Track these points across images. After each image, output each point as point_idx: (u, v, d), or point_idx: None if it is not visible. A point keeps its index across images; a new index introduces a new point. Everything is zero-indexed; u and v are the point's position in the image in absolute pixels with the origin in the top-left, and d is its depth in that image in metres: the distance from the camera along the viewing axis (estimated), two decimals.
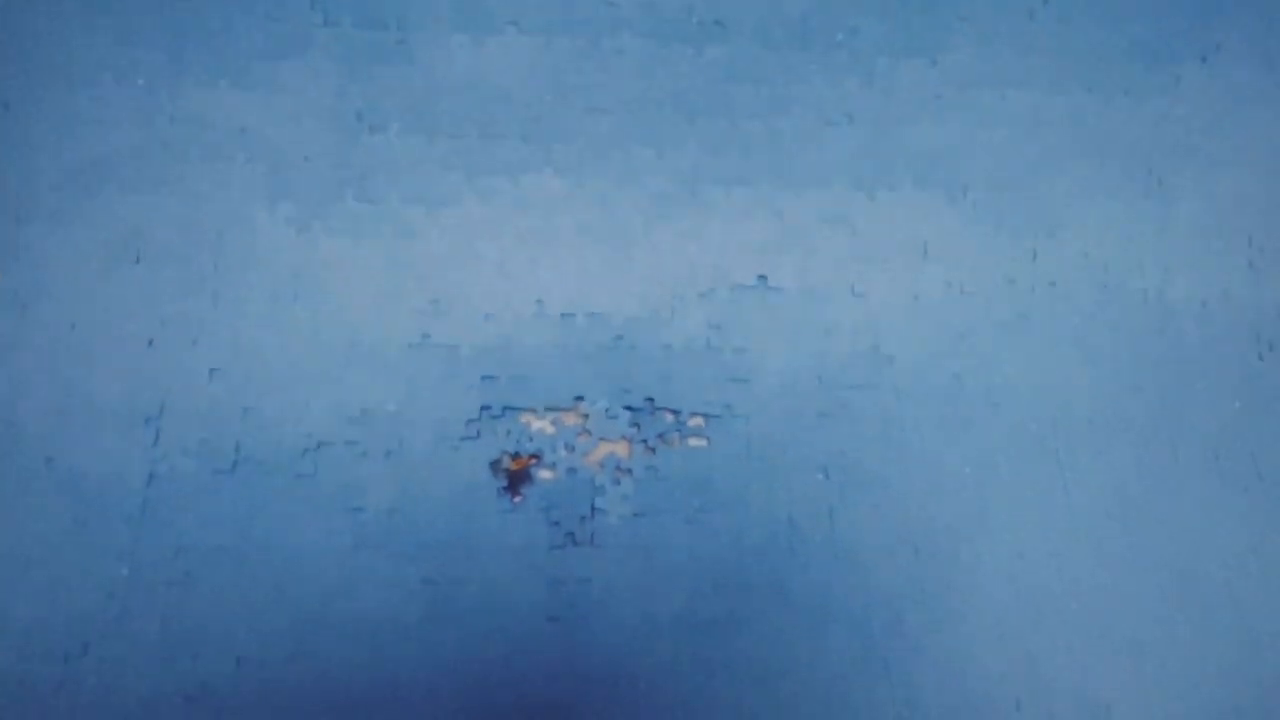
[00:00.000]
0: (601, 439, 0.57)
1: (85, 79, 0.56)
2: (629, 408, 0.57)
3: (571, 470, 0.56)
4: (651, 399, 0.57)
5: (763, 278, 0.60)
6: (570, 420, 0.57)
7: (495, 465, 0.56)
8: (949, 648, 0.51)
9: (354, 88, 0.60)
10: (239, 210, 0.58)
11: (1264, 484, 0.55)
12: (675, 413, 0.57)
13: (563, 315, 0.59)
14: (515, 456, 0.56)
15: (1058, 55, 0.62)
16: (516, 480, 0.55)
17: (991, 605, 0.52)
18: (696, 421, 0.57)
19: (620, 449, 0.57)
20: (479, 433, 0.56)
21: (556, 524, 0.54)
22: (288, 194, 0.59)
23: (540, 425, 0.57)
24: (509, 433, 0.57)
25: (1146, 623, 0.51)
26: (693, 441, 0.57)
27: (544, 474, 0.56)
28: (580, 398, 0.57)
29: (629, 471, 0.56)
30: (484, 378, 0.58)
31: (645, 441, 0.57)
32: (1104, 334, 0.59)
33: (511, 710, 0.49)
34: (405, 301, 0.58)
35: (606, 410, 0.57)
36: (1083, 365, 0.59)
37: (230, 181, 0.57)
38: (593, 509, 0.55)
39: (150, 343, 0.56)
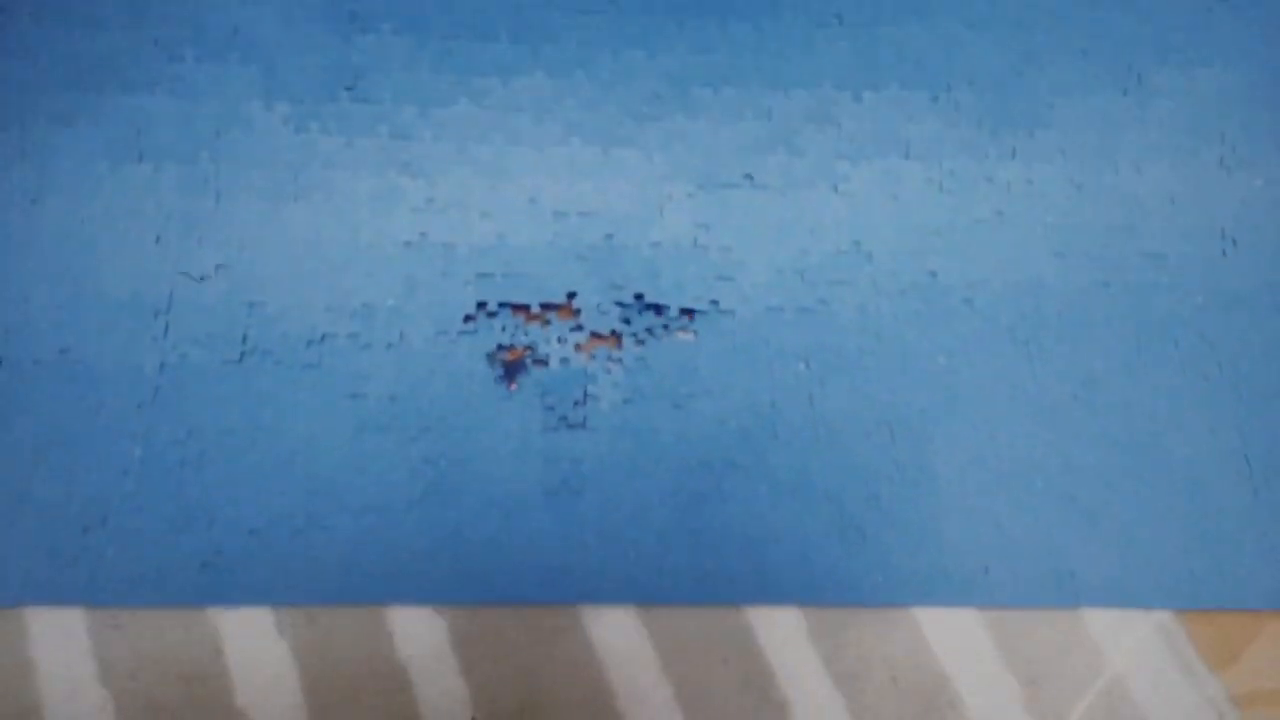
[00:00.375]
0: (593, 333, 0.59)
1: None
2: (619, 304, 0.60)
3: (564, 361, 0.58)
4: (641, 295, 0.60)
5: (749, 176, 0.63)
6: (563, 316, 0.60)
7: (491, 356, 0.58)
8: (922, 519, 0.54)
9: None
10: (237, 110, 0.60)
11: (1222, 371, 0.58)
12: (663, 308, 0.60)
13: (555, 213, 0.61)
14: (510, 348, 0.59)
15: None
16: (512, 370, 0.58)
17: (962, 480, 0.55)
18: (684, 317, 0.60)
19: (611, 342, 0.59)
20: (475, 327, 0.59)
21: (551, 409, 0.57)
22: (284, 94, 0.61)
23: (534, 320, 0.59)
24: (504, 327, 0.59)
25: (1109, 496, 0.54)
26: (680, 335, 0.59)
27: (538, 365, 0.58)
28: (573, 294, 0.60)
29: (619, 362, 0.58)
30: (480, 275, 0.60)
31: (635, 335, 0.59)
32: (1076, 230, 0.62)
33: (509, 576, 0.52)
34: (402, 200, 0.61)
35: (598, 306, 0.59)
36: (1054, 260, 0.61)
37: (226, 81, 0.59)
38: (585, 395, 0.57)
39: (157, 239, 0.58)
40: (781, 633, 0.52)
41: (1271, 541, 0.53)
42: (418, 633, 0.52)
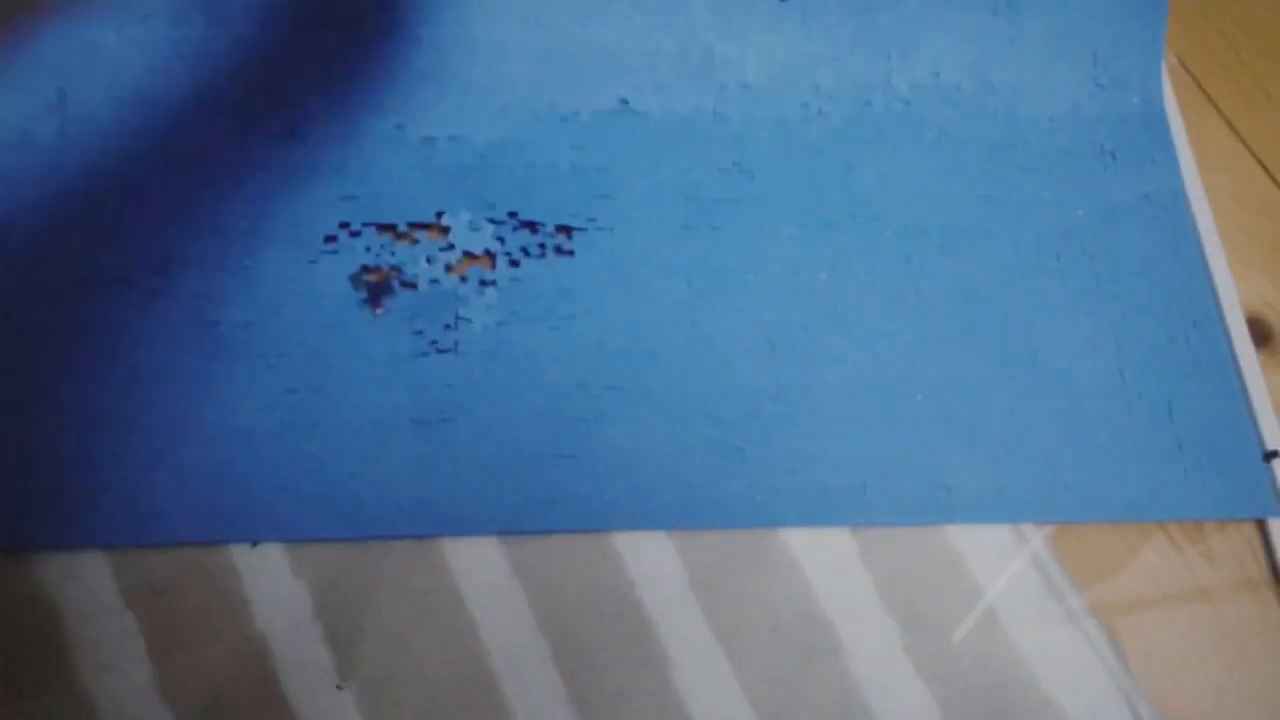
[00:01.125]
0: (465, 252, 0.56)
1: None
2: (492, 220, 0.57)
3: (434, 282, 0.56)
4: (515, 213, 0.57)
5: (624, 101, 0.60)
6: (432, 236, 0.57)
7: (355, 278, 0.55)
8: (802, 436, 0.53)
9: None
10: (86, 30, 0.54)
11: (1099, 282, 0.58)
12: (539, 226, 0.57)
13: (423, 139, 0.58)
14: (376, 269, 0.56)
15: None
16: (377, 292, 0.55)
17: (842, 397, 0.54)
18: (561, 234, 0.57)
19: (483, 262, 0.57)
20: (337, 249, 0.56)
21: (420, 333, 0.54)
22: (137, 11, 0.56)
23: (402, 239, 0.56)
24: (368, 248, 0.56)
25: (988, 409, 0.54)
26: (557, 254, 0.57)
27: (405, 287, 0.55)
28: (441, 213, 0.57)
29: (493, 283, 0.56)
30: (343, 197, 0.57)
31: (509, 255, 0.57)
32: (956, 149, 0.61)
33: (377, 507, 0.49)
34: (261, 125, 0.57)
35: (470, 223, 0.57)
36: (935, 177, 0.60)
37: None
38: (456, 318, 0.55)
39: None
40: (653, 565, 0.51)
41: (1143, 453, 0.54)
42: (272, 576, 0.49)
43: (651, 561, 0.50)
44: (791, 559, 0.51)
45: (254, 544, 0.49)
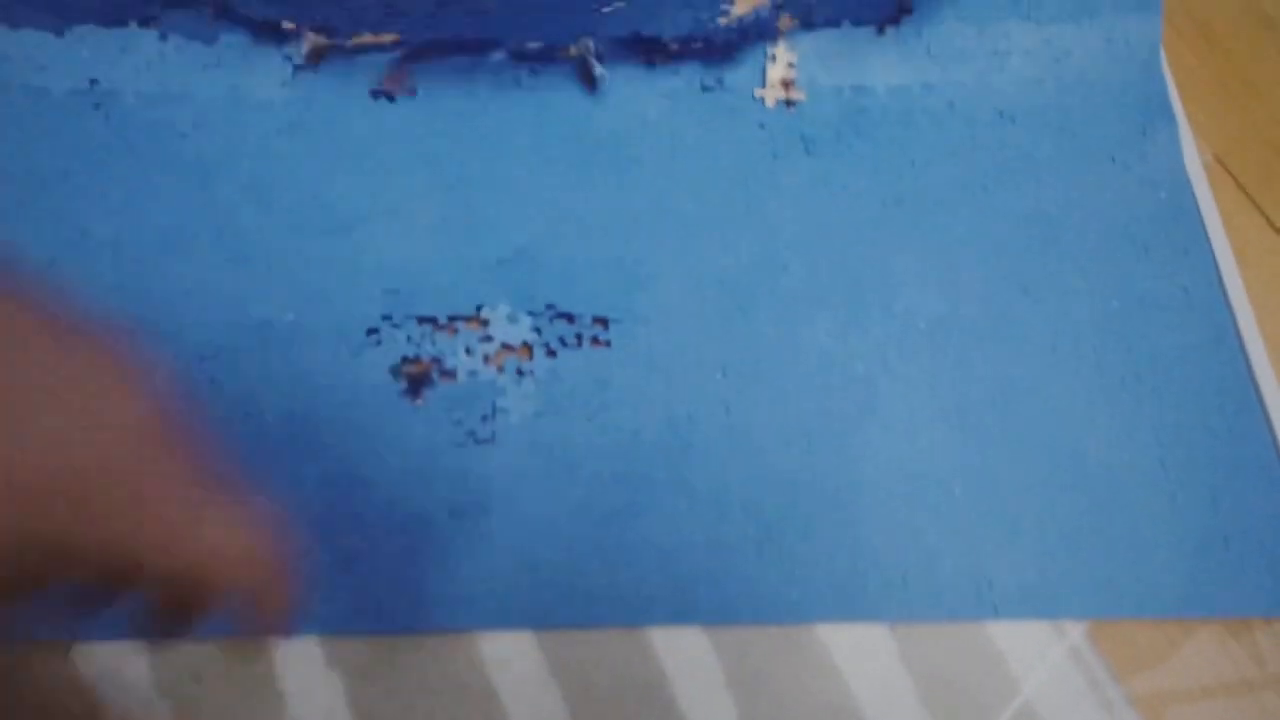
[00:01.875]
0: (503, 344, 0.57)
1: None
2: (530, 313, 0.58)
3: (473, 373, 0.56)
4: (552, 305, 0.58)
5: (661, 199, 0.61)
6: (471, 327, 0.58)
7: (396, 369, 0.56)
8: (841, 529, 0.52)
9: None
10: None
11: (1137, 373, 0.57)
12: (576, 317, 0.58)
13: (465, 232, 0.59)
14: (416, 360, 0.56)
15: None
16: (417, 383, 0.55)
17: (881, 490, 0.53)
18: (597, 325, 0.58)
19: (521, 353, 0.57)
20: (379, 340, 0.56)
21: (458, 423, 0.54)
22: None
23: (441, 332, 0.57)
24: (409, 338, 0.57)
25: (1027, 502, 0.54)
26: (593, 345, 0.58)
27: (445, 378, 0.56)
28: (480, 306, 0.58)
29: (530, 373, 0.56)
30: (385, 290, 0.58)
31: (547, 345, 0.57)
32: (990, 240, 0.61)
33: (415, 602, 0.49)
34: (306, 216, 0.58)
35: (508, 316, 0.58)
36: (971, 268, 0.61)
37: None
38: (494, 409, 0.55)
39: (51, 262, 0.55)
40: (689, 661, 0.50)
41: (1187, 548, 0.53)
42: (306, 669, 0.49)
43: (687, 657, 0.50)
44: (829, 655, 0.50)
45: (288, 636, 0.49)
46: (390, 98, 0.62)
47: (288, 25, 0.60)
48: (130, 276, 0.56)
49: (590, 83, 0.63)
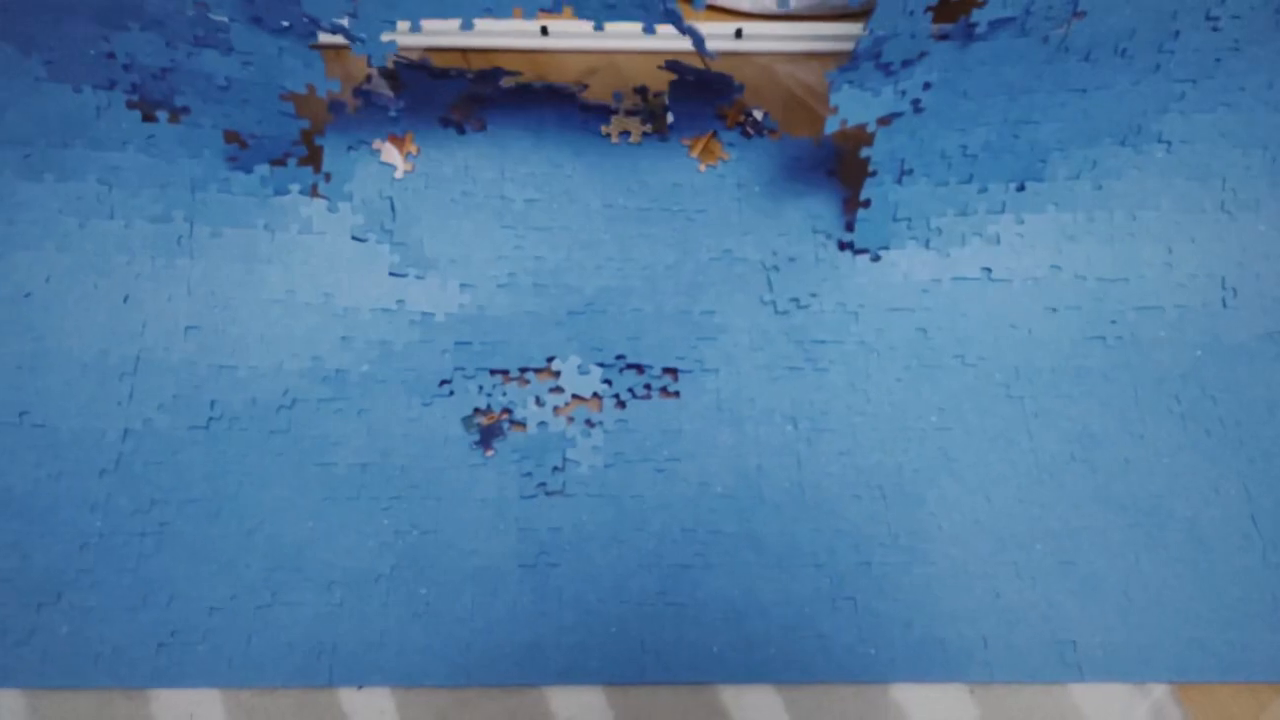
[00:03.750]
0: (573, 395, 0.57)
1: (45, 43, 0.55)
2: (600, 364, 0.58)
3: (543, 424, 0.56)
4: (622, 355, 0.58)
5: (728, 250, 0.61)
6: (542, 379, 0.58)
7: (467, 421, 0.56)
8: (916, 587, 0.51)
9: None
10: (212, 167, 0.58)
11: (1223, 426, 0.56)
12: (645, 368, 0.58)
13: (535, 285, 0.60)
14: (487, 412, 0.57)
15: None
16: (488, 434, 0.56)
17: (957, 546, 0.52)
18: (667, 376, 0.58)
19: (591, 404, 0.57)
20: (451, 391, 0.57)
21: (528, 475, 0.54)
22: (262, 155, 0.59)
23: (512, 384, 0.58)
24: (480, 389, 0.57)
25: (1110, 560, 0.52)
26: (663, 395, 0.57)
27: (515, 429, 0.56)
28: (552, 358, 0.58)
29: (599, 425, 0.56)
30: (458, 343, 0.58)
31: (616, 396, 0.57)
32: (1068, 283, 0.60)
33: (485, 654, 0.49)
34: (380, 266, 0.59)
35: (578, 368, 0.58)
36: (1046, 314, 0.59)
37: (199, 140, 0.57)
38: (564, 460, 0.55)
39: (125, 298, 0.57)
40: (761, 719, 0.49)
41: (1278, 608, 0.51)
42: (376, 717, 0.49)
43: (758, 716, 0.49)
44: (905, 716, 0.49)
45: (360, 687, 0.49)
46: (460, 129, 0.62)
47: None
48: (206, 320, 0.56)
49: (662, 126, 0.63)
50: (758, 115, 0.64)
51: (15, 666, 0.49)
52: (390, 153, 0.60)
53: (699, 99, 0.63)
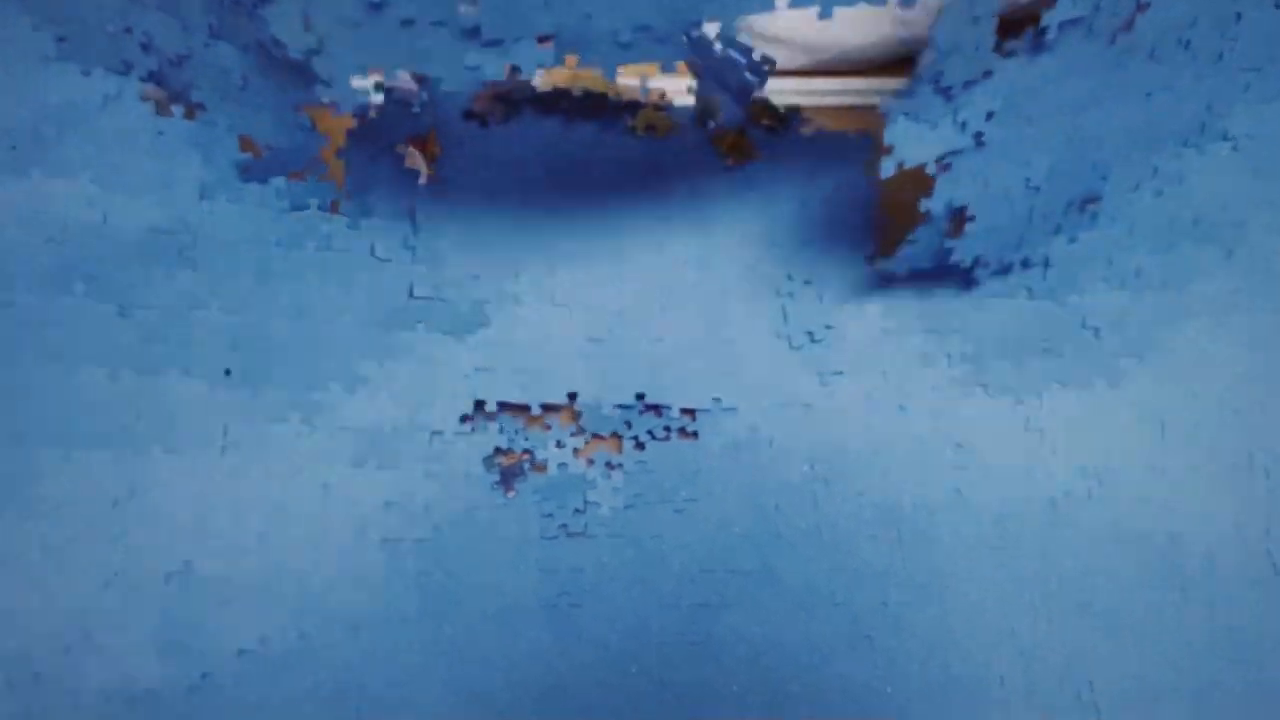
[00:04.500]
0: (593, 435, 0.58)
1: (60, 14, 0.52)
2: (620, 405, 0.59)
3: (563, 465, 0.57)
4: (642, 395, 0.59)
5: (750, 268, 0.61)
6: (563, 419, 0.59)
7: (488, 461, 0.57)
8: (933, 626, 0.52)
9: None
10: (224, 175, 0.55)
11: (1250, 461, 0.55)
12: (664, 409, 0.59)
13: (554, 305, 0.60)
14: (508, 452, 0.58)
15: None
16: (509, 475, 0.57)
17: (974, 584, 0.53)
18: (685, 417, 0.58)
19: (611, 445, 0.58)
20: (472, 429, 0.58)
21: (549, 516, 0.55)
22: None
23: (534, 423, 0.59)
24: (501, 429, 0.58)
25: (1127, 599, 0.52)
26: (681, 436, 0.58)
27: (536, 470, 0.57)
28: (573, 395, 0.59)
29: (619, 466, 0.57)
30: (478, 368, 0.58)
31: (635, 438, 0.58)
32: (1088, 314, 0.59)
33: (508, 694, 0.50)
34: (401, 286, 0.59)
35: (599, 408, 0.59)
36: (1065, 345, 0.59)
37: (212, 142, 0.55)
38: (585, 501, 0.56)
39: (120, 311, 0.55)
40: None
41: None
42: None
43: None
44: None
45: None
46: (483, 122, 0.59)
47: None
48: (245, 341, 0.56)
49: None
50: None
51: (39, 710, 0.49)
52: (414, 158, 0.60)
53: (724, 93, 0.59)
